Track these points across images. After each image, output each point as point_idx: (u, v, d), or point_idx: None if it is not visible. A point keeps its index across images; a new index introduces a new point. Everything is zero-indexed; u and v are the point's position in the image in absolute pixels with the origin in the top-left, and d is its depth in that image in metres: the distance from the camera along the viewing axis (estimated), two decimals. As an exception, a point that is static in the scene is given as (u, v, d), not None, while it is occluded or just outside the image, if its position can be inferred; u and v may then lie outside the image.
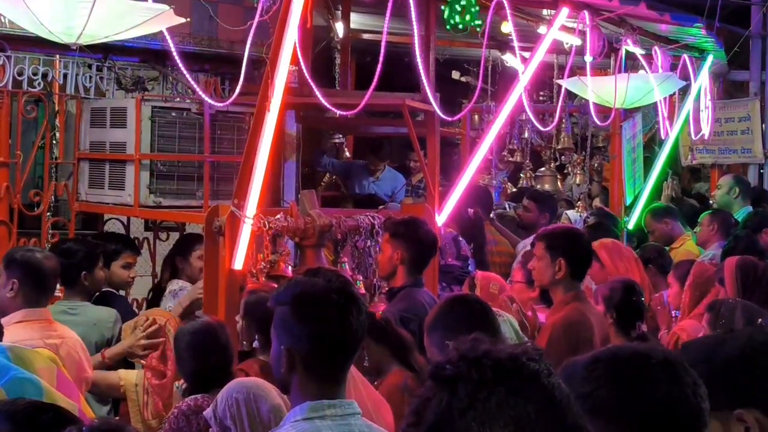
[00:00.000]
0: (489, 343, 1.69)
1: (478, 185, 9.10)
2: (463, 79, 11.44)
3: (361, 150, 11.11)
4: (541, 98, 10.92)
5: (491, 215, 8.72)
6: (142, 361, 5.45)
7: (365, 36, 9.49)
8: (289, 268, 5.59)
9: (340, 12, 8.66)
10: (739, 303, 4.72)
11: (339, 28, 8.86)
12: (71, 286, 6.02)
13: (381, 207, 7.26)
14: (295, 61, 5.49)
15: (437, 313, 4.07)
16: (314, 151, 10.29)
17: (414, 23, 5.69)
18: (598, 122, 7.81)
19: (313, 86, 5.53)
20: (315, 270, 3.24)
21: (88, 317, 5.93)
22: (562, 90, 7.57)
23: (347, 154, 10.67)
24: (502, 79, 9.83)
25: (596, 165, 11.82)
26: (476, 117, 10.51)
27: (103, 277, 6.22)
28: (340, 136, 10.29)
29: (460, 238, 7.30)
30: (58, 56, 6.85)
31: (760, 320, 4.19)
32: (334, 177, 11.02)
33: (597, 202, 11.35)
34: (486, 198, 8.70)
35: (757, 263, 5.58)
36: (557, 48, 8.58)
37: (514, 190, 10.39)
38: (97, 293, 6.26)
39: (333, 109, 5.54)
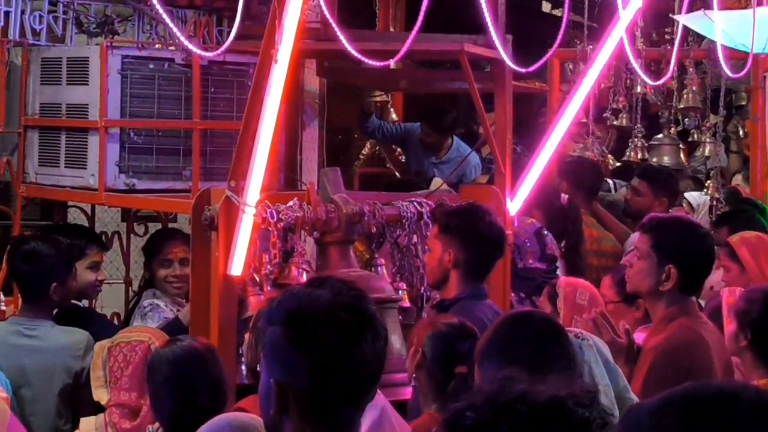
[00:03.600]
0: (527, 383, 1.71)
1: (580, 158, 9.08)
2: (556, 12, 11.41)
3: (413, 112, 11.10)
4: (659, 40, 10.85)
5: (594, 200, 8.69)
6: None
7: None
8: (304, 274, 5.61)
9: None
10: None
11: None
12: (33, 300, 6.11)
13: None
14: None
15: (491, 337, 4.07)
16: (359, 112, 10.30)
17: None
18: (729, 73, 7.75)
19: (334, 26, 5.54)
20: (321, 279, 3.22)
21: (51, 342, 6.01)
22: (679, 29, 7.53)
23: (394, 116, 10.65)
24: (607, 11, 9.77)
25: (736, 130, 11.76)
26: (570, 66, 10.48)
27: (75, 289, 6.30)
28: (383, 93, 10.28)
29: (546, 233, 7.28)
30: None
31: None
32: (377, 149, 11.04)
33: (738, 180, 11.30)
34: (588, 176, 8.69)
35: None
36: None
37: (618, 164, 10.35)
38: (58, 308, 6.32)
39: (361, 57, 5.55)
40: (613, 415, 2.25)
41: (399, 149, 10.83)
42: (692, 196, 9.57)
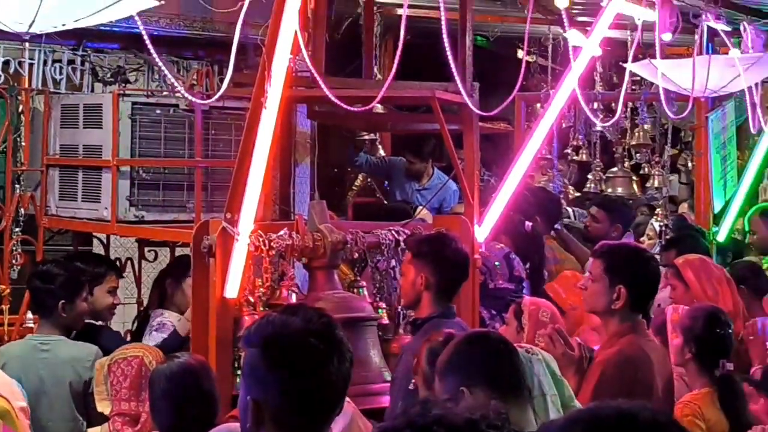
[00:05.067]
0: (443, 407, 1.69)
1: (541, 189, 9.08)
2: (529, 58, 11.43)
3: (400, 149, 11.10)
4: (619, 83, 10.85)
5: (557, 226, 8.69)
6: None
7: (400, 11, 9.49)
8: (293, 295, 5.60)
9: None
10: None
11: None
12: (46, 316, 6.15)
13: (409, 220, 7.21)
14: (297, 47, 5.49)
15: (451, 354, 4.06)
16: (347, 148, 10.32)
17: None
18: (669, 113, 7.74)
19: (316, 75, 5.53)
20: (295, 308, 3.25)
21: (63, 354, 6.03)
22: (626, 74, 7.52)
23: (382, 152, 10.66)
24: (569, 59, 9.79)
25: (687, 163, 11.77)
26: (538, 106, 10.48)
27: (86, 310, 6.30)
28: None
29: (513, 256, 7.27)
30: (26, 44, 6.91)
31: None
32: (369, 180, 11.04)
33: (684, 208, 11.30)
34: (550, 205, 8.67)
35: None
36: (633, 24, 8.53)
37: (578, 194, 10.35)
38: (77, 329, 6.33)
39: (340, 103, 5.54)
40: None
41: (385, 180, 10.84)
42: (657, 223, 9.58)
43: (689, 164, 11.84)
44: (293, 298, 5.57)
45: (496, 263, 7.14)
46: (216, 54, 7.28)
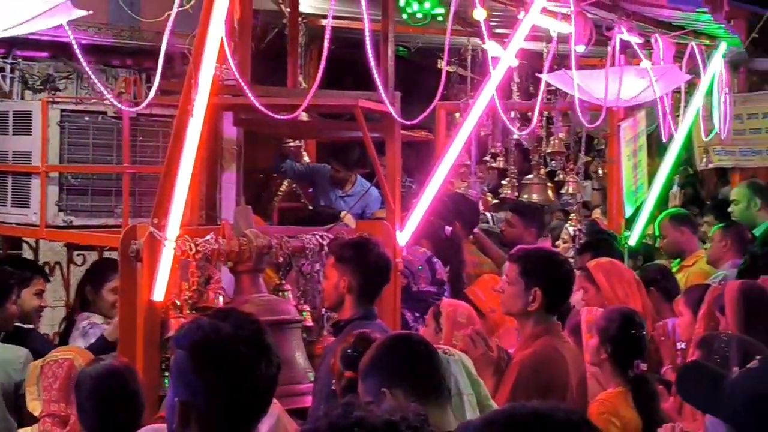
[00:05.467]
0: (364, 409, 1.67)
1: (460, 195, 9.10)
2: (449, 68, 11.47)
3: (325, 155, 11.09)
4: (536, 93, 10.91)
5: (475, 230, 8.72)
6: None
7: (324, 22, 9.46)
8: (220, 298, 5.56)
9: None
10: (734, 338, 4.72)
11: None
12: None
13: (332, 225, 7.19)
14: (222, 56, 5.46)
15: (373, 355, 4.05)
16: (273, 155, 10.29)
17: (364, 7, 5.65)
18: (583, 122, 7.79)
19: (243, 83, 5.50)
20: (226, 312, 3.21)
21: (-8, 357, 5.93)
22: (542, 85, 7.57)
23: (306, 159, 10.64)
24: (488, 70, 9.83)
25: (598, 170, 11.86)
26: (457, 115, 10.51)
27: (15, 313, 6.22)
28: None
29: (435, 260, 7.27)
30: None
31: (758, 358, 4.17)
32: (294, 186, 11.01)
33: (597, 213, 11.38)
34: (468, 210, 8.69)
35: (764, 289, 5.57)
36: (548, 36, 8.59)
37: (496, 200, 10.39)
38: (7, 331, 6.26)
39: (265, 111, 5.51)
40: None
41: (310, 186, 10.83)
42: (571, 227, 9.64)
43: (601, 171, 11.94)
44: (220, 300, 5.54)
45: (419, 267, 7.14)
46: (144, 62, 7.23)
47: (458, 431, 2.04)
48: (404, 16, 6.40)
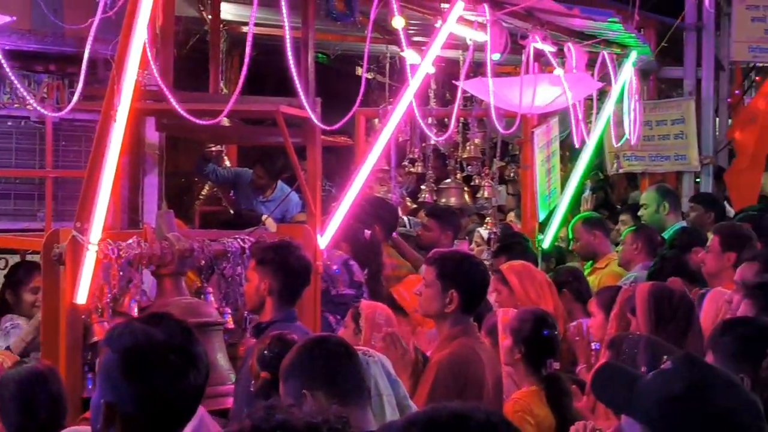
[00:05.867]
0: (286, 412, 1.67)
1: (379, 199, 9.11)
2: (368, 75, 11.48)
3: (246, 160, 11.06)
4: (452, 100, 10.94)
5: (394, 234, 8.73)
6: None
7: (245, 29, 9.42)
8: (136, 306, 5.50)
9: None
10: (643, 339, 4.77)
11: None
12: None
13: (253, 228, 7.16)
14: (145, 62, 5.42)
15: (293, 357, 4.05)
16: (197, 158, 10.24)
17: (285, 15, 5.64)
18: (500, 128, 7.84)
19: (165, 89, 5.47)
20: (159, 317, 3.18)
21: None
22: (459, 92, 7.60)
23: (228, 163, 10.62)
24: (406, 77, 9.84)
25: (512, 175, 11.94)
26: (376, 121, 10.53)
27: None
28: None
29: (352, 263, 7.27)
30: None
31: (665, 358, 4.23)
32: (215, 189, 10.97)
33: (511, 217, 11.46)
34: (387, 214, 8.70)
35: (673, 290, 5.63)
36: (465, 44, 8.63)
37: (414, 205, 10.42)
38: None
39: (187, 116, 5.48)
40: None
41: (231, 190, 10.79)
42: (483, 230, 9.69)
43: (516, 176, 12.02)
44: (135, 308, 5.47)
45: (336, 270, 7.14)
46: (67, 68, 7.11)
47: (380, 430, 2.04)
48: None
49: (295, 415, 1.66)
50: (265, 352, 4.61)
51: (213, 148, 10.26)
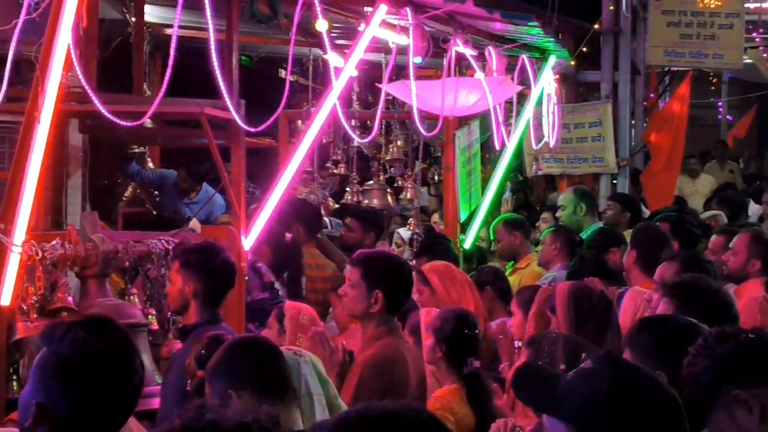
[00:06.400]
0: (216, 412, 1.67)
1: (302, 200, 9.10)
2: (290, 78, 11.46)
3: (169, 161, 11.00)
4: (374, 102, 10.96)
5: (318, 235, 8.73)
6: None
7: (169, 31, 9.36)
8: (70, 298, 5.47)
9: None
10: (561, 337, 4.82)
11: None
12: None
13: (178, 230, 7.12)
14: (69, 64, 5.38)
15: (219, 359, 4.04)
16: (120, 159, 10.17)
17: (209, 17, 5.63)
18: (422, 131, 7.87)
19: (89, 91, 5.43)
20: (100, 322, 3.16)
21: None
22: (382, 95, 7.62)
23: (151, 165, 10.56)
24: (329, 79, 9.83)
25: (435, 177, 11.99)
26: (300, 123, 10.51)
27: None
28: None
29: (259, 264, 7.22)
30: None
31: (584, 356, 4.28)
32: (138, 191, 10.89)
33: (435, 218, 11.51)
34: (310, 216, 8.69)
35: (592, 289, 5.70)
36: (387, 47, 8.65)
37: (337, 206, 10.43)
38: None
39: (112, 118, 5.45)
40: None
41: (156, 191, 10.73)
42: (404, 231, 9.73)
43: (438, 178, 12.07)
44: (70, 300, 5.44)
45: (246, 277, 7.09)
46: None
47: (312, 429, 2.04)
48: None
49: (226, 414, 1.66)
50: (203, 351, 4.59)
51: (136, 150, 10.20)
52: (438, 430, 2.08)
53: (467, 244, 9.82)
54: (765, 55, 20.68)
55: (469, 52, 8.16)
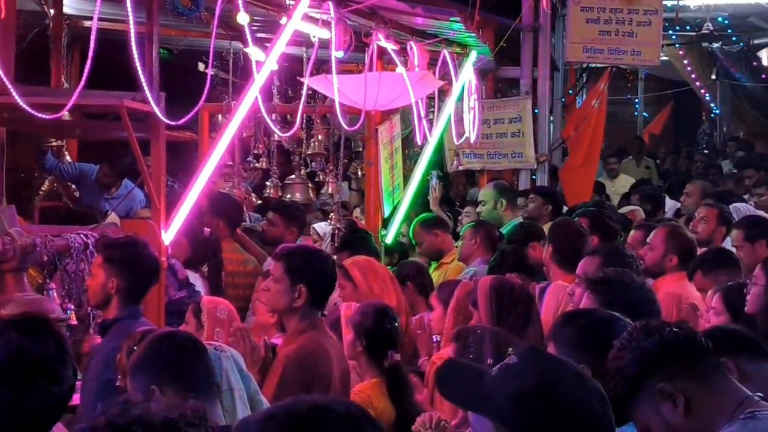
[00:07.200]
0: (142, 407, 1.63)
1: (224, 194, 9.04)
2: (211, 71, 11.36)
3: (87, 154, 10.87)
4: (295, 96, 10.90)
5: (238, 229, 8.68)
6: None
7: (88, 24, 9.25)
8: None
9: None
10: (487, 331, 4.83)
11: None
12: None
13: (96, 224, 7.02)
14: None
15: (141, 353, 4.00)
16: (35, 154, 10.03)
17: (129, 10, 5.56)
18: (344, 125, 7.85)
19: (7, 83, 5.33)
20: (35, 326, 3.11)
21: None
22: (304, 89, 7.59)
23: (68, 158, 10.42)
24: (251, 71, 9.74)
25: (357, 172, 11.97)
26: (219, 117, 10.43)
27: None
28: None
29: (173, 261, 7.15)
30: None
31: (510, 350, 4.28)
32: (55, 185, 10.75)
33: (356, 213, 11.49)
34: (231, 210, 8.63)
35: (513, 284, 5.73)
36: (309, 41, 8.61)
37: (259, 201, 10.37)
38: None
39: (30, 110, 5.35)
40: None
41: (74, 185, 10.60)
42: (319, 226, 9.70)
43: (360, 172, 12.06)
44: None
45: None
46: None
47: (239, 427, 2.01)
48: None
49: (152, 410, 1.62)
50: (134, 347, 4.53)
51: (53, 143, 10.05)
52: (367, 425, 2.07)
53: (389, 239, 9.82)
54: (681, 52, 20.99)
55: (391, 47, 8.16)
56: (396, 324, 5.89)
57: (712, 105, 23.01)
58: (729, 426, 3.22)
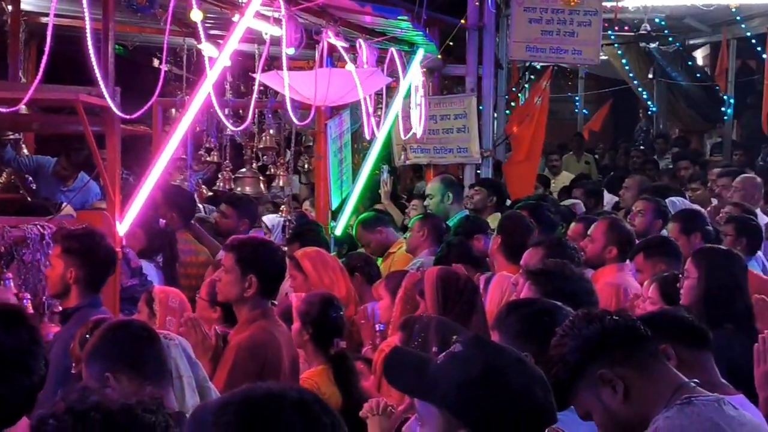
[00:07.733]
0: (100, 394, 1.63)
1: (177, 187, 9.01)
2: (165, 67, 11.30)
3: (44, 147, 10.78)
4: (247, 91, 10.88)
5: (191, 221, 8.65)
6: None
7: (45, 20, 9.17)
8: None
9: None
10: (433, 320, 4.85)
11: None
12: None
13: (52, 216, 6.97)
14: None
15: (97, 341, 3.98)
16: (-5, 146, 9.95)
17: (85, 6, 5.51)
18: (295, 120, 7.84)
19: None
20: (11, 319, 3.08)
21: None
22: (256, 84, 7.57)
23: (26, 152, 10.33)
24: (204, 66, 9.70)
25: (306, 166, 11.95)
26: (173, 111, 10.40)
27: None
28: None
29: (127, 250, 7.10)
30: None
31: (454, 338, 4.29)
32: (13, 177, 10.65)
33: (306, 205, 11.48)
34: (184, 202, 8.61)
35: (459, 274, 5.75)
36: (260, 38, 8.59)
37: (210, 193, 10.34)
38: None
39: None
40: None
41: (31, 178, 10.51)
42: (268, 218, 9.68)
43: (308, 166, 12.04)
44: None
45: None
46: None
47: (195, 414, 2.01)
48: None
49: (110, 396, 1.62)
50: (87, 336, 4.51)
51: (10, 136, 9.97)
52: (320, 409, 2.08)
53: (338, 231, 9.81)
54: (620, 52, 21.13)
55: (340, 44, 8.16)
56: (341, 313, 5.91)
57: (649, 103, 23.15)
58: (666, 411, 3.26)
